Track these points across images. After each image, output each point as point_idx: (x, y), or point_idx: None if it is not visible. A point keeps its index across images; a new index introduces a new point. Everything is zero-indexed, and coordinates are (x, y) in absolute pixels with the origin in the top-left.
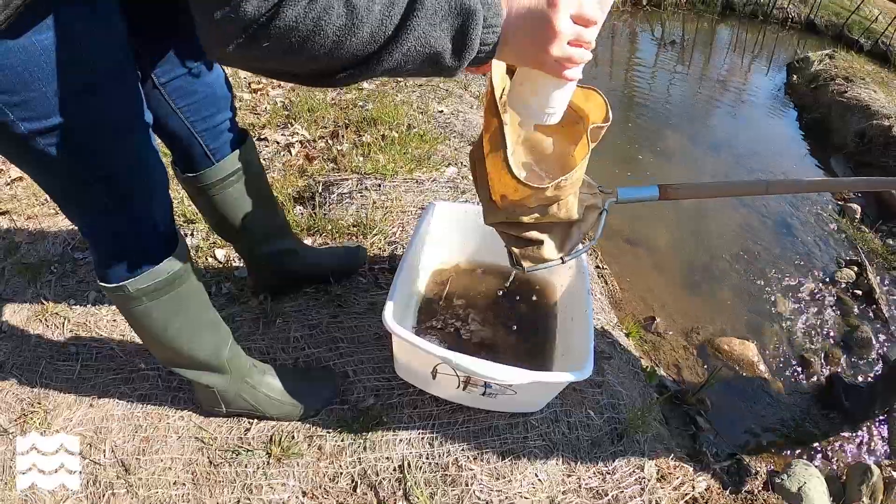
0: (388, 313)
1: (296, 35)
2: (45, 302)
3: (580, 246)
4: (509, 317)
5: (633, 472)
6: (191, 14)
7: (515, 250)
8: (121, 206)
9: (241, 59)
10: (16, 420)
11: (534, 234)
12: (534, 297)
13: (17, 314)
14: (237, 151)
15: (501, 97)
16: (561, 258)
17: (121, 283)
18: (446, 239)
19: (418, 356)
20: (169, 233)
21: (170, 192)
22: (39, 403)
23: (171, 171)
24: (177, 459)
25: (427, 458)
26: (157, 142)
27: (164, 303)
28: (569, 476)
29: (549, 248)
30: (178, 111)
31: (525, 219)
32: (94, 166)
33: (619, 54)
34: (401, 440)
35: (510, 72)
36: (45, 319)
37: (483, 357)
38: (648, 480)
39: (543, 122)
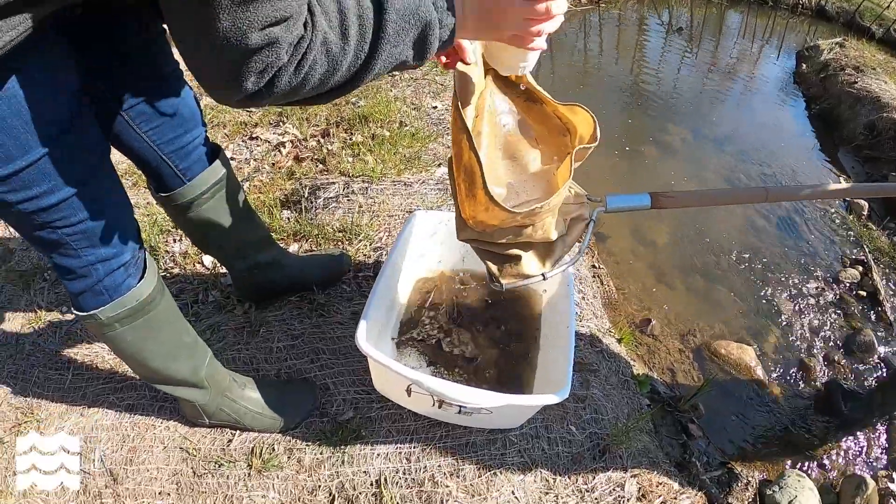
0: (361, 333)
1: (290, 91)
2: (38, 310)
3: (565, 259)
4: (493, 327)
5: (613, 490)
6: (150, 40)
7: (492, 266)
8: (85, 248)
9: (249, 107)
10: (10, 429)
11: (512, 251)
12: (518, 307)
13: (12, 322)
14: (209, 169)
15: (475, 121)
16: (542, 274)
17: (92, 312)
18: (430, 247)
19: (391, 375)
20: (136, 262)
21: (135, 219)
22: (32, 413)
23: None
24: (162, 469)
25: (404, 474)
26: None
27: (136, 328)
28: (546, 493)
29: (529, 264)
30: (144, 135)
31: (498, 240)
32: (52, 213)
33: (625, 42)
34: (378, 454)
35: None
36: (39, 327)
37: (464, 371)
38: (628, 500)
39: (518, 73)
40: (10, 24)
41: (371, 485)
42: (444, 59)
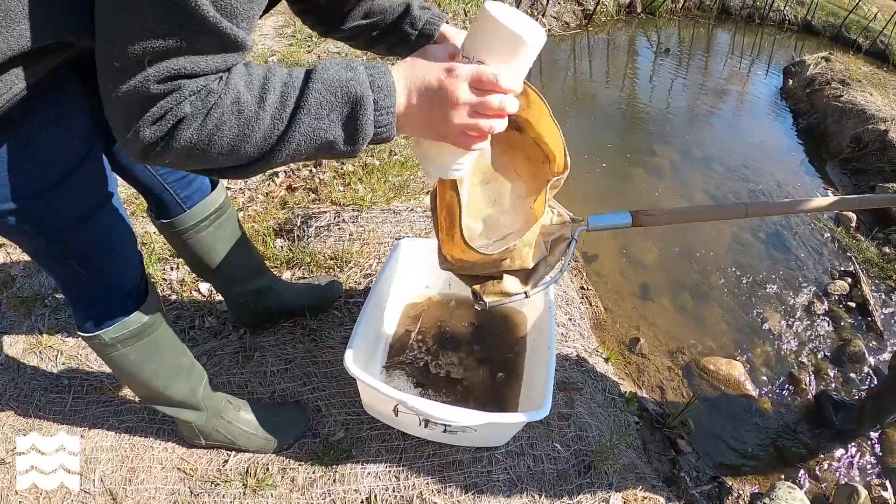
0: (349, 357)
1: (194, 149)
2: (39, 334)
3: (546, 279)
4: (480, 349)
5: None
6: None
7: (475, 287)
8: (92, 278)
9: (156, 163)
10: (12, 451)
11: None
12: (504, 329)
13: (14, 347)
14: (208, 198)
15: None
16: (525, 292)
17: (96, 333)
18: (416, 273)
19: (379, 396)
20: (139, 288)
21: (139, 248)
22: None
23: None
24: (160, 489)
25: (393, 491)
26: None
27: (137, 349)
28: None
29: (511, 283)
30: (148, 165)
31: (477, 273)
32: (61, 246)
33: (614, 65)
34: (368, 473)
35: None
36: (40, 352)
37: (451, 391)
38: None
39: (449, 178)
40: (16, 77)
41: (362, 502)
42: None
